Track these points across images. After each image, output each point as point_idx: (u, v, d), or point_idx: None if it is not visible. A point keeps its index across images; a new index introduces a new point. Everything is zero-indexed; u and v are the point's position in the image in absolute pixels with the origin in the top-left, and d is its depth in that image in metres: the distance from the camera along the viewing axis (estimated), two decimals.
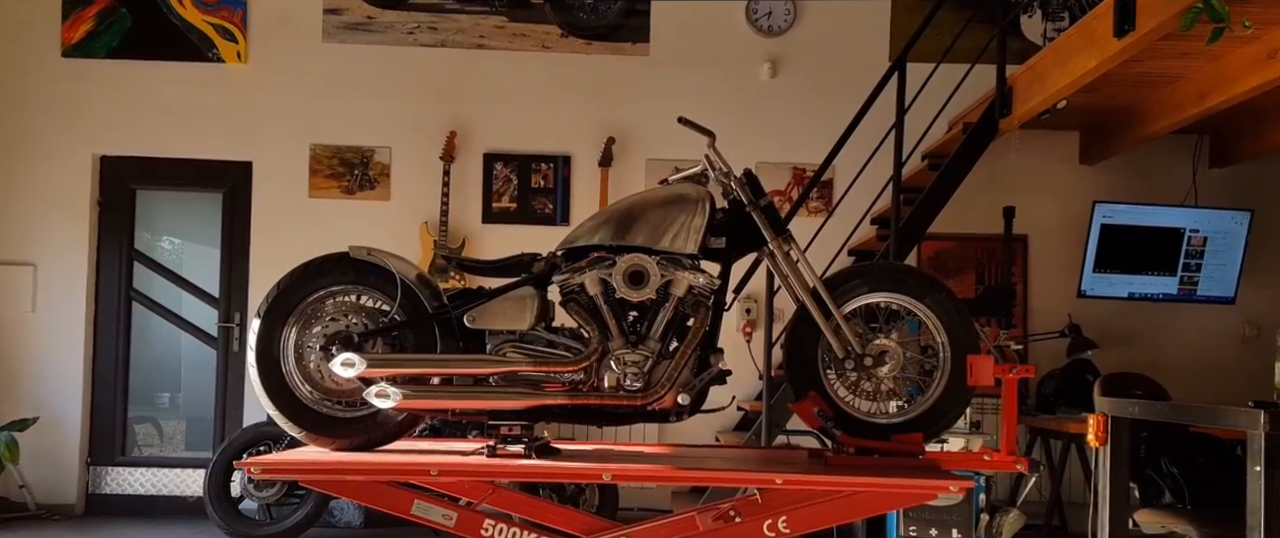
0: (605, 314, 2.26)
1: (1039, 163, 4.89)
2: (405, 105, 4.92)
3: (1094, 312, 4.78)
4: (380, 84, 4.93)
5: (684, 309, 2.28)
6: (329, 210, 4.87)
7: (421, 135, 4.89)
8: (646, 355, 2.24)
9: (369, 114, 4.93)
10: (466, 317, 2.24)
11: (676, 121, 2.37)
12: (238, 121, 4.90)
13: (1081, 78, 3.45)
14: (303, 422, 2.26)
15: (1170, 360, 4.60)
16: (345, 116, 4.93)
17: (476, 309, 2.24)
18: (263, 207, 4.91)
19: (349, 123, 4.92)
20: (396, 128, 4.91)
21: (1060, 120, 4.42)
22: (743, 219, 2.33)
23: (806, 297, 2.32)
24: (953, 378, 2.33)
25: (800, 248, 2.37)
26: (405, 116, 4.92)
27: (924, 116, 4.23)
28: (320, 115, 4.92)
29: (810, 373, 2.34)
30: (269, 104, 4.92)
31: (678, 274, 2.25)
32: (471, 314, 2.24)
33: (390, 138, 4.91)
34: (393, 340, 2.29)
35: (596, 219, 2.33)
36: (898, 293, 2.35)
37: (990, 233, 4.81)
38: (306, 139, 4.91)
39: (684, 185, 2.36)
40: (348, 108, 4.94)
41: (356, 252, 2.29)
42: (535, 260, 2.33)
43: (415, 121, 4.90)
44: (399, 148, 4.92)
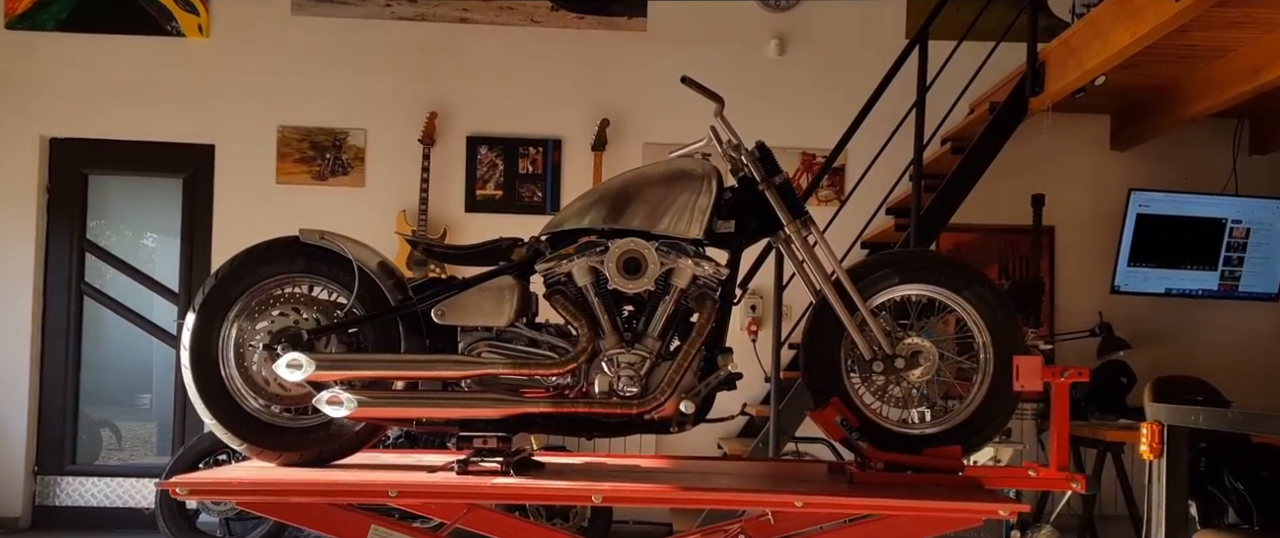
0: (596, 308, 2.01)
1: (1067, 148, 4.65)
2: (382, 84, 4.66)
3: (1125, 309, 4.53)
4: (355, 61, 4.67)
5: (687, 302, 2.02)
6: (298, 197, 4.61)
7: (399, 117, 4.63)
8: (644, 356, 1.98)
9: (342, 93, 4.67)
10: (434, 311, 1.97)
11: (680, 82, 2.11)
12: (199, 101, 4.63)
13: (1124, 50, 3.21)
14: (244, 432, 2.00)
15: (1209, 362, 4.35)
16: (317, 96, 4.66)
17: (446, 302, 1.98)
18: (226, 193, 4.65)
19: (321, 103, 4.66)
20: (372, 108, 4.65)
21: (1090, 103, 4.17)
22: (754, 199, 2.08)
23: (828, 288, 2.06)
24: (996, 382, 2.07)
25: (821, 232, 2.11)
26: (382, 96, 4.66)
27: (941, 100, 3.99)
28: (289, 94, 4.66)
29: (831, 376, 2.08)
30: (233, 82, 4.65)
31: (680, 262, 1.99)
32: (440, 308, 1.97)
33: (365, 119, 4.66)
34: (350, 339, 2.03)
35: (587, 199, 2.07)
36: (933, 285, 2.09)
37: (1015, 224, 4.57)
38: (274, 120, 4.65)
39: (688, 160, 2.10)
40: (319, 86, 4.67)
41: (308, 236, 2.03)
42: (515, 246, 2.07)
43: (393, 102, 4.64)
44: (375, 130, 4.67)
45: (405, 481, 1.82)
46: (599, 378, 1.98)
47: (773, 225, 2.09)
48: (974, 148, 3.78)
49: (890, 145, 4.05)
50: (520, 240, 2.09)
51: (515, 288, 2.01)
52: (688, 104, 4.58)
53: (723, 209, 2.06)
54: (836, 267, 2.08)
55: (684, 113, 3.65)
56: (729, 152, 2.11)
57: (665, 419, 1.99)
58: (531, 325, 2.05)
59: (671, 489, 1.82)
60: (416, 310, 1.99)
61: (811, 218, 2.10)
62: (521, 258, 2.06)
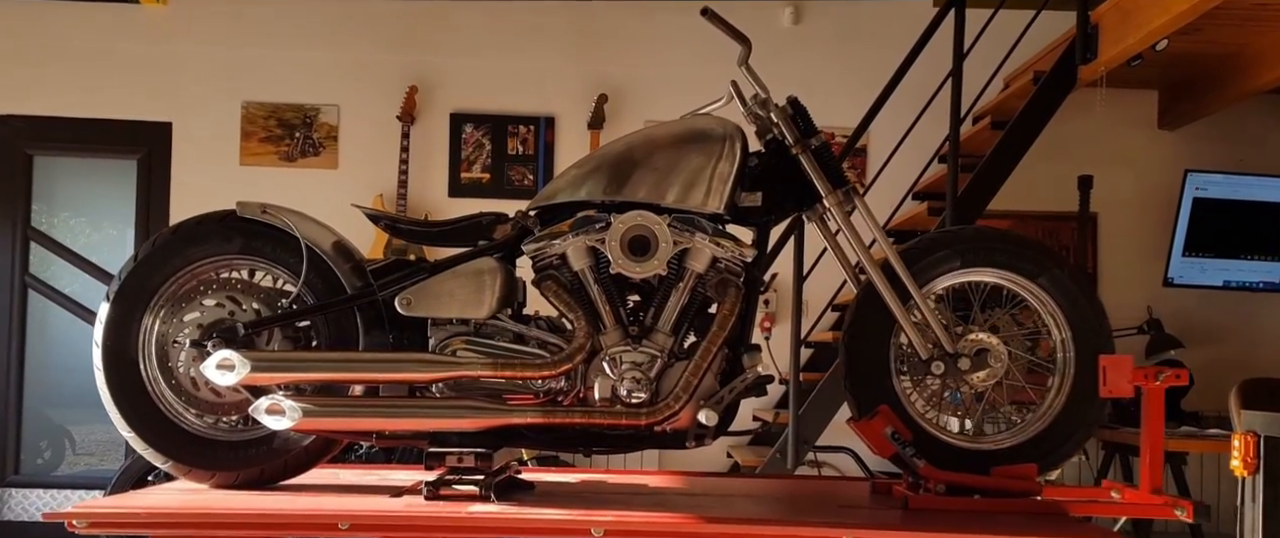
0: (596, 296, 1.70)
1: (1109, 127, 4.34)
2: (357, 56, 4.36)
3: (1172, 303, 4.23)
4: (327, 30, 4.36)
5: (705, 290, 1.72)
6: (265, 180, 4.30)
7: (376, 92, 4.32)
8: (653, 354, 1.68)
9: (313, 66, 4.36)
10: (399, 300, 1.67)
11: (700, 14, 1.80)
12: (155, 74, 4.32)
13: (1196, 6, 2.89)
14: (168, 447, 1.69)
15: (1271, 361, 4.06)
16: (285, 69, 4.35)
17: (413, 289, 1.67)
18: (185, 176, 4.33)
19: (289, 76, 4.35)
20: (346, 83, 4.35)
21: (1136, 77, 3.88)
22: (785, 166, 1.78)
23: (876, 274, 1.76)
24: (1078, 387, 1.78)
25: (867, 206, 1.80)
26: (357, 69, 4.35)
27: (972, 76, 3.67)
28: (255, 67, 4.35)
29: (879, 380, 1.78)
30: (193, 53, 4.34)
31: (697, 241, 1.69)
32: (406, 296, 1.67)
33: (338, 94, 4.35)
34: (297, 334, 1.72)
35: (583, 166, 1.76)
36: (1002, 269, 1.79)
37: (1055, 210, 4.27)
38: (238, 96, 4.34)
39: (705, 119, 1.79)
40: (288, 58, 4.36)
41: (246, 210, 1.72)
42: (498, 223, 1.77)
43: (369, 75, 4.34)
44: (349, 106, 4.36)
45: (360, 509, 1.51)
46: (599, 382, 1.68)
47: (808, 197, 1.79)
48: (1017, 122, 3.47)
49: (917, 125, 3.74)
50: (504, 216, 1.78)
51: (498, 272, 1.70)
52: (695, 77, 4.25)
53: (748, 178, 1.76)
54: (887, 247, 1.77)
55: (691, 87, 3.36)
56: (755, 109, 1.81)
57: (680, 432, 1.68)
58: (517, 318, 1.75)
59: (691, 520, 1.51)
60: (377, 299, 1.68)
61: (856, 188, 1.79)
62: (505, 237, 1.75)
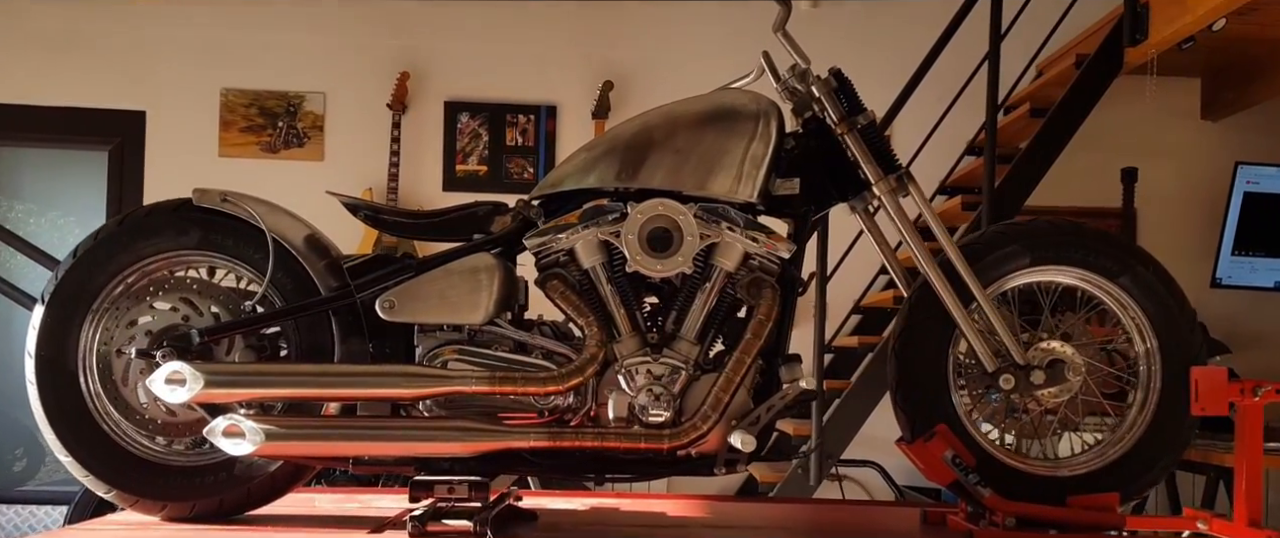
0: (609, 298, 1.49)
1: (1148, 117, 4.13)
2: (344, 40, 4.15)
3: (1220, 306, 4.01)
4: (312, 13, 4.16)
5: (735, 291, 1.51)
6: (245, 173, 4.09)
7: (365, 78, 4.12)
8: (677, 365, 1.47)
9: (298, 51, 4.16)
10: (381, 303, 1.45)
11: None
12: (128, 59, 4.12)
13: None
14: (112, 473, 1.48)
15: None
16: (267, 54, 4.15)
17: (396, 290, 1.46)
18: (159, 168, 4.13)
19: (272, 62, 4.14)
20: (333, 68, 4.15)
21: (1178, 64, 3.67)
22: (827, 148, 1.57)
23: (934, 273, 1.55)
24: (1165, 402, 1.57)
25: (923, 194, 1.59)
26: (344, 54, 4.15)
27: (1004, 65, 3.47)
28: (235, 52, 4.14)
29: (936, 396, 1.57)
30: (168, 37, 4.13)
31: (726, 236, 1.48)
32: (388, 298, 1.45)
33: (325, 81, 4.15)
34: (262, 342, 1.51)
35: (594, 149, 1.55)
36: (1077, 268, 1.58)
37: (1092, 206, 4.06)
38: (217, 82, 4.14)
39: (735, 93, 1.58)
40: (270, 43, 4.16)
41: (204, 198, 1.51)
42: (496, 213, 1.56)
43: (357, 61, 4.13)
44: (336, 94, 4.16)
45: None
46: (614, 398, 1.47)
47: (853, 184, 1.58)
48: (1059, 109, 3.27)
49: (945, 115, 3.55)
50: (502, 206, 1.57)
51: (496, 271, 1.49)
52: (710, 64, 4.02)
53: (784, 162, 1.55)
54: (947, 242, 1.56)
55: (706, 74, 3.18)
56: (792, 82, 1.60)
57: (707, 457, 1.47)
58: (518, 323, 1.54)
59: None
60: (355, 302, 1.47)
61: (910, 174, 1.58)
62: (505, 229, 1.54)
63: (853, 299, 3.83)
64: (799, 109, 1.60)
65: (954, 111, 3.60)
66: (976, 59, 3.53)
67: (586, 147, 1.57)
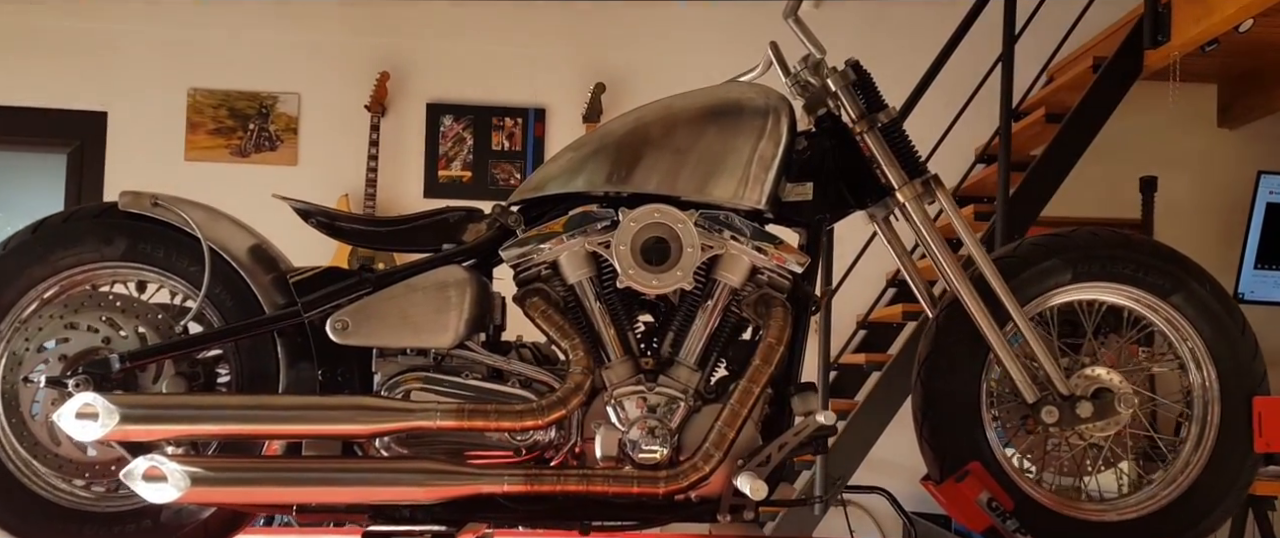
0: (597, 318, 1.32)
1: (1163, 124, 4.02)
2: (321, 38, 3.98)
3: None
4: (286, 9, 3.99)
5: (741, 310, 1.35)
6: (214, 177, 3.92)
7: (342, 79, 3.95)
8: (674, 395, 1.30)
9: (271, 49, 3.98)
10: (332, 323, 1.27)
11: None
12: (89, 57, 3.94)
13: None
14: (18, 520, 1.29)
15: None
16: (238, 52, 3.97)
17: (351, 309, 1.28)
18: (122, 172, 3.94)
19: (243, 61, 3.97)
20: (308, 68, 3.98)
21: (1194, 69, 3.54)
22: (844, 149, 1.41)
23: (965, 289, 1.38)
24: (1224, 438, 1.40)
25: (952, 200, 1.43)
26: (320, 53, 3.98)
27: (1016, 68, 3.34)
28: (203, 50, 3.97)
29: (968, 429, 1.40)
30: (132, 33, 3.95)
31: (731, 247, 1.32)
32: (341, 318, 1.27)
33: (299, 81, 3.98)
34: (196, 369, 1.32)
35: (581, 148, 1.38)
36: (1125, 284, 1.42)
37: (1107, 217, 3.91)
38: (184, 82, 3.96)
39: (740, 87, 1.42)
40: (241, 40, 3.99)
41: (133, 202, 1.34)
42: (469, 221, 1.38)
43: (334, 60, 3.97)
44: (311, 95, 3.99)
45: None
46: (602, 433, 1.29)
47: (873, 190, 1.42)
48: (1076, 114, 3.12)
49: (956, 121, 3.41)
50: (477, 212, 1.40)
51: (467, 286, 1.31)
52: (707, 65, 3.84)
53: (795, 164, 1.38)
54: (980, 255, 1.39)
55: (703, 74, 3.04)
56: (804, 76, 1.44)
57: (710, 501, 1.30)
58: (494, 346, 1.37)
59: None
60: (302, 322, 1.28)
61: (938, 179, 1.42)
62: (479, 238, 1.37)
63: (858, 313, 3.67)
64: (812, 105, 1.44)
65: (962, 118, 3.47)
66: (985, 63, 3.40)
67: (573, 146, 1.40)
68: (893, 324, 3.61)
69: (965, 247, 1.42)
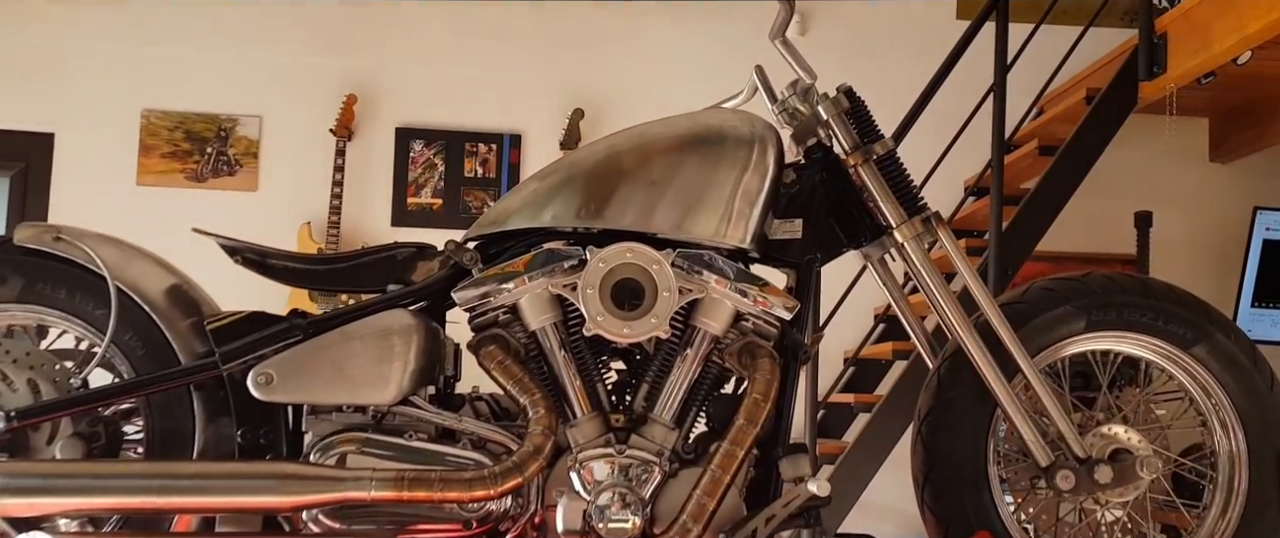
0: (562, 369, 1.19)
1: (1153, 159, 3.98)
2: (284, 58, 3.84)
3: None
4: (248, 27, 3.85)
5: (722, 361, 1.22)
6: (168, 203, 3.75)
7: (306, 101, 3.81)
8: (648, 459, 1.17)
9: (230, 69, 3.84)
10: (255, 377, 1.12)
11: None
12: (36, 75, 3.77)
13: None
14: None
15: None
16: (195, 72, 3.83)
17: (278, 359, 1.13)
18: (69, 197, 3.77)
19: (201, 81, 3.82)
20: (270, 89, 3.83)
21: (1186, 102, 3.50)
22: (836, 183, 1.29)
23: (973, 342, 1.26)
24: (1254, 508, 1.29)
25: (954, 240, 1.31)
26: (283, 73, 3.84)
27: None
28: (158, 69, 3.82)
29: (974, 493, 1.27)
30: (82, 50, 3.80)
31: (712, 290, 1.19)
32: (266, 371, 1.12)
33: (260, 103, 3.83)
34: (98, 428, 1.17)
35: (549, 178, 1.26)
36: (1143, 334, 1.31)
37: (1097, 252, 3.85)
38: (137, 103, 3.81)
39: (724, 114, 1.30)
40: (199, 60, 3.84)
41: (31, 237, 1.19)
42: (419, 258, 1.25)
43: (298, 81, 3.82)
44: (273, 117, 3.84)
45: None
46: (566, 502, 1.15)
47: (869, 228, 1.30)
48: (1071, 146, 3.05)
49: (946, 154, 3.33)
50: (429, 248, 1.27)
51: (414, 333, 1.17)
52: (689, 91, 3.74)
53: (784, 200, 1.27)
54: (987, 301, 1.28)
55: (686, 101, 2.96)
56: (792, 102, 1.33)
57: None
58: (444, 399, 1.23)
59: None
60: (220, 375, 1.14)
61: (939, 216, 1.31)
62: (431, 278, 1.24)
63: (846, 348, 3.55)
64: (801, 135, 1.33)
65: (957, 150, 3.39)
66: (975, 94, 3.34)
67: (539, 175, 1.28)
68: (882, 361, 3.50)
69: (968, 290, 1.30)
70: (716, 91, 1.53)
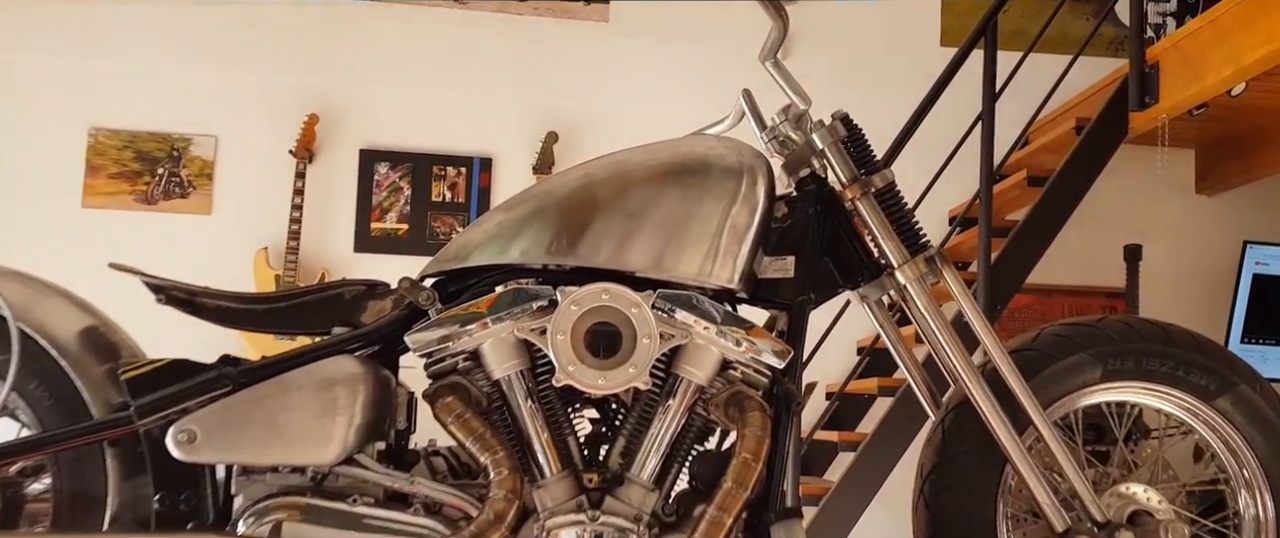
0: (527, 424, 1.09)
1: (1138, 191, 3.97)
2: (241, 76, 3.72)
3: None
4: (204, 42, 3.73)
5: (707, 412, 1.12)
6: (115, 226, 3.60)
7: (265, 120, 3.69)
8: (623, 525, 1.06)
9: (185, 86, 3.71)
10: (176, 434, 1.00)
11: None
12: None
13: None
14: None
15: None
16: (147, 88, 3.69)
17: (202, 414, 1.01)
18: (9, 221, 3.60)
19: (153, 98, 3.69)
20: (226, 108, 3.71)
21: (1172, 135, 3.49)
22: (832, 218, 1.20)
23: (982, 395, 1.17)
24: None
25: (960, 281, 1.23)
26: (241, 92, 3.72)
27: None
28: (107, 85, 3.68)
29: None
30: (28, 64, 3.65)
31: (696, 335, 1.10)
32: (188, 427, 1.00)
33: (216, 122, 3.70)
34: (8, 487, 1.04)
35: (516, 209, 1.16)
36: (1164, 385, 1.22)
37: (1083, 285, 3.83)
38: (84, 120, 3.66)
39: (709, 141, 1.21)
40: (152, 76, 3.71)
41: None
42: (370, 297, 1.14)
43: (256, 100, 3.71)
44: (229, 137, 3.71)
45: None
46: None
47: (866, 267, 1.21)
48: (1061, 176, 3.01)
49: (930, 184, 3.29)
50: (381, 286, 1.16)
51: (361, 383, 1.06)
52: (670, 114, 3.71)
53: (775, 235, 1.18)
54: (996, 350, 1.19)
55: (666, 126, 2.89)
56: (784, 129, 1.24)
57: None
58: (396, 456, 1.11)
59: None
60: (136, 432, 1.01)
61: (944, 255, 1.22)
62: (382, 320, 1.12)
63: (828, 383, 3.47)
64: (793, 165, 1.24)
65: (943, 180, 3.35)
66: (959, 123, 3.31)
67: (505, 205, 1.18)
68: (868, 395, 3.42)
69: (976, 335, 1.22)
70: (700, 117, 1.45)
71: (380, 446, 1.09)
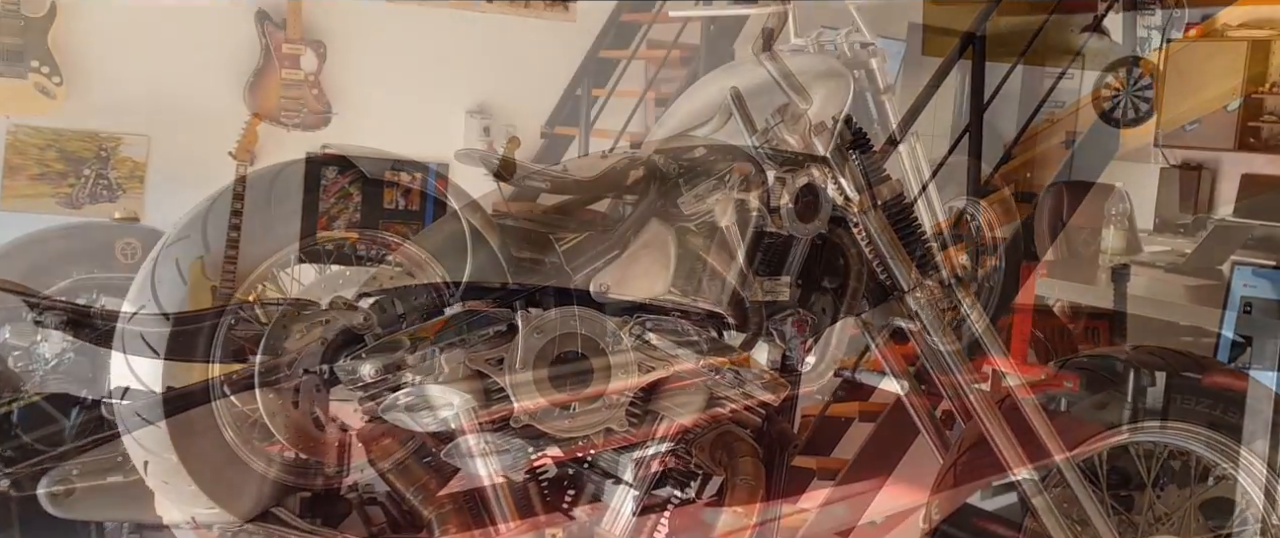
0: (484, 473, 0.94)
1: None
2: (177, 70, 3.55)
3: None
4: (135, 37, 3.55)
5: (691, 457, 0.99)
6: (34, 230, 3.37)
7: (200, 119, 3.53)
8: None
9: (113, 82, 3.54)
10: (49, 487, 0.85)
11: None
12: None
13: None
14: None
15: None
16: (74, 84, 3.50)
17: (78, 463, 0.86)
18: None
19: (80, 95, 3.49)
20: (160, 105, 3.54)
21: None
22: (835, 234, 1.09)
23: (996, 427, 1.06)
24: None
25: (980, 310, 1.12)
26: (176, 89, 3.54)
27: None
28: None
29: None
30: None
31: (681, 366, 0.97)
32: (63, 482, 0.85)
33: (149, 122, 3.55)
34: None
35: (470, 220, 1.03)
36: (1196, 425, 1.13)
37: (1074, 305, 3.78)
38: (2, 117, 3.46)
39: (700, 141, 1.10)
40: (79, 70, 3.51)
41: None
42: (295, 321, 0.99)
43: (192, 97, 3.53)
44: (162, 138, 3.56)
45: None
46: None
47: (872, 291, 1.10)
48: None
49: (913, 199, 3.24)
50: (306, 305, 1.02)
51: (283, 422, 0.91)
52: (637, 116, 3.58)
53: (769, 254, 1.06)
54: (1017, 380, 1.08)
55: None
56: (778, 133, 1.12)
57: None
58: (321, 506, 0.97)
59: None
60: None
61: (962, 279, 1.11)
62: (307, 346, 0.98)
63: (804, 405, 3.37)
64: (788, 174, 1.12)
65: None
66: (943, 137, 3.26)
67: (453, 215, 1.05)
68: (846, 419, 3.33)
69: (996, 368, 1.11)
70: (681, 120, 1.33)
71: (304, 495, 0.95)
